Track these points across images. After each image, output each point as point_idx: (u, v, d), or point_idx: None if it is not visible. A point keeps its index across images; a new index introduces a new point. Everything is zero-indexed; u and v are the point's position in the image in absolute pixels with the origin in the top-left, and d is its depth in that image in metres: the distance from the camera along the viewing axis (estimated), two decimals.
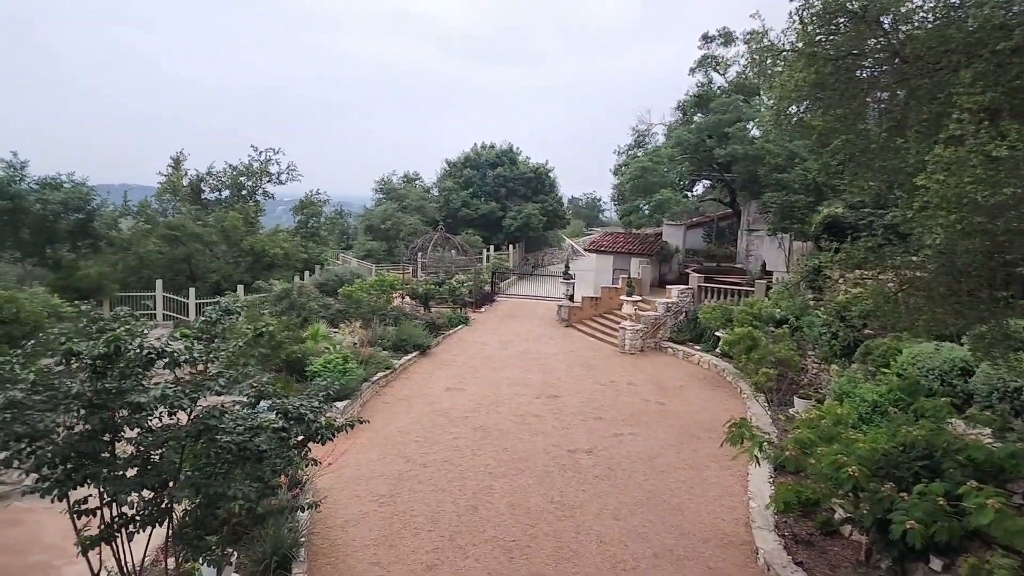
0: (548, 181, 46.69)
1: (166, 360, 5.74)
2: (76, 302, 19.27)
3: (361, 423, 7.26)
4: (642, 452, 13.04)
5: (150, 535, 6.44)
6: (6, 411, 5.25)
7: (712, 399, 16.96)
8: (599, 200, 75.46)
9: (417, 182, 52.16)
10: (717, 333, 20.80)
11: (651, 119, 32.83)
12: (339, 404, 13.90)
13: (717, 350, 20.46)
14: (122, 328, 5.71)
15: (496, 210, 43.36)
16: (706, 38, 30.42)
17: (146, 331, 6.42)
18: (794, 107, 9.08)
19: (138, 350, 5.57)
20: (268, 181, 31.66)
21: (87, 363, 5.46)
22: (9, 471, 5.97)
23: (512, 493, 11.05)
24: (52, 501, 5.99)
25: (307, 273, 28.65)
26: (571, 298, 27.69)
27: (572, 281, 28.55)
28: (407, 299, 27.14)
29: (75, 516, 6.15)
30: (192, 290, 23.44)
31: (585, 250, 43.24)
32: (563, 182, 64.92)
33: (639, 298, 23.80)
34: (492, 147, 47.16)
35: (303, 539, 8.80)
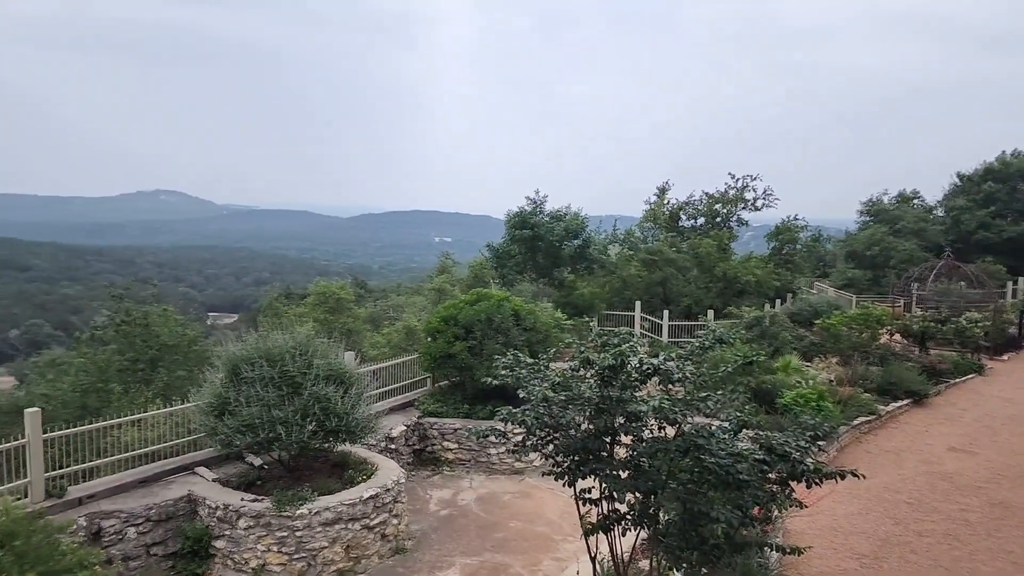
0: None
1: (661, 376, 6.21)
2: (573, 317, 22.89)
3: (856, 475, 6.57)
4: None
5: (638, 534, 7.04)
6: (541, 405, 6.44)
7: None
8: None
9: (915, 201, 45.37)
10: None
11: None
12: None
13: None
14: (626, 345, 6.42)
15: None
16: None
17: (639, 348, 7.09)
18: None
19: (638, 365, 6.17)
20: (743, 208, 31.91)
21: (597, 371, 6.31)
22: (527, 452, 7.32)
23: None
24: (564, 485, 7.11)
25: (778, 301, 27.77)
26: None
27: None
28: (896, 337, 23.80)
29: (579, 502, 7.13)
30: (666, 312, 25.15)
31: None
32: None
33: None
34: None
35: None
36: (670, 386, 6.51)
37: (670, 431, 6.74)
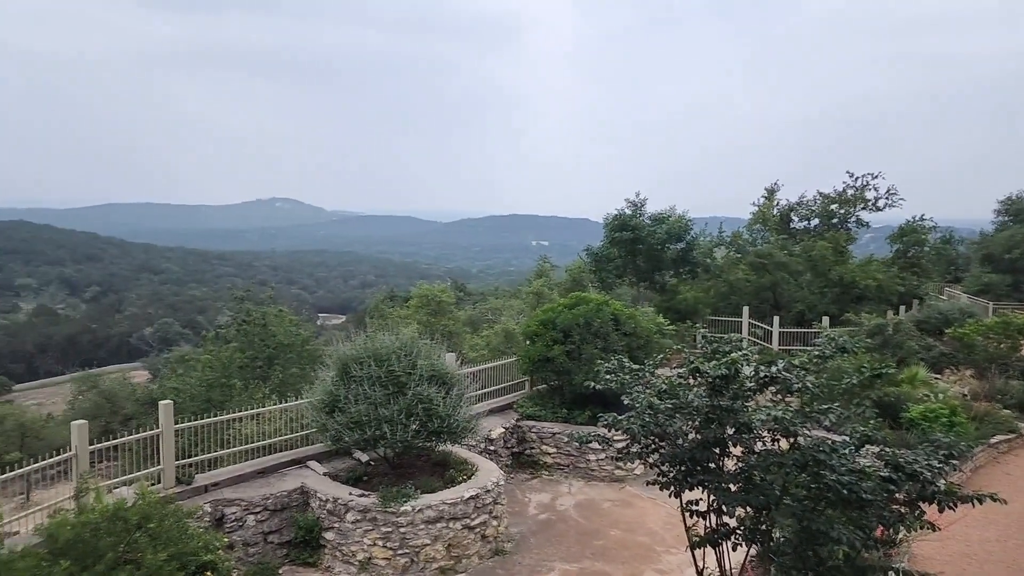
0: None
1: (779, 386, 5.86)
2: (675, 322, 22.23)
3: (995, 500, 5.93)
4: None
5: (748, 550, 6.69)
6: (646, 412, 6.25)
7: None
8: None
9: None
10: None
11: None
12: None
13: None
14: (738, 353, 6.11)
15: None
16: None
17: (751, 356, 6.73)
18: None
19: (752, 373, 5.86)
20: (862, 208, 29.90)
21: (708, 380, 6.04)
22: (631, 459, 7.11)
23: None
24: (670, 496, 6.87)
25: (902, 308, 25.81)
26: None
27: None
28: None
29: (686, 514, 6.87)
30: (776, 318, 23.95)
31: None
32: None
33: None
34: None
35: None
36: (787, 397, 6.14)
37: (783, 443, 6.37)
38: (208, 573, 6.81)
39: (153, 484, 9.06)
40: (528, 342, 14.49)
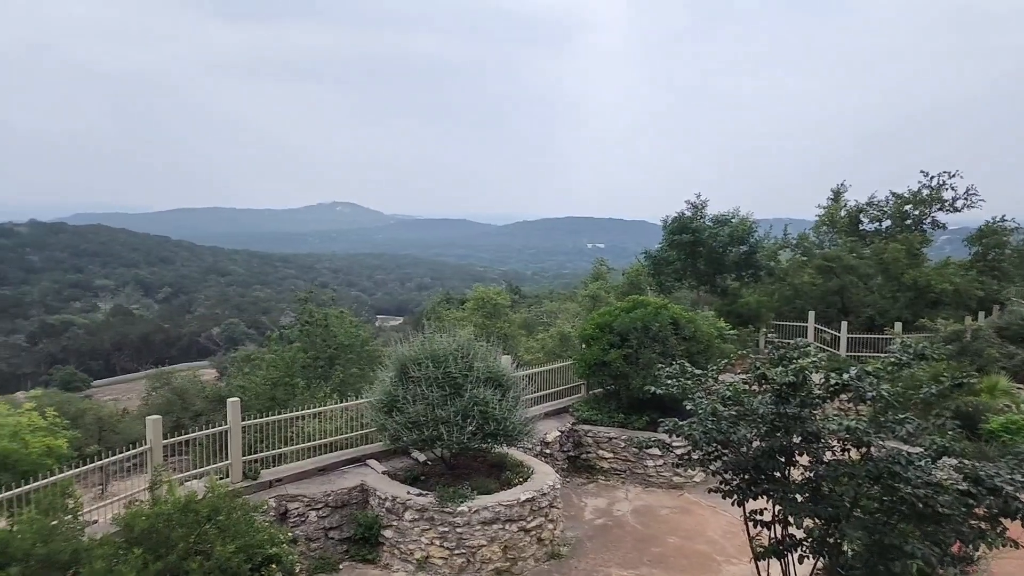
0: None
1: (851, 394, 5.63)
2: (737, 327, 21.64)
3: None
4: None
5: (815, 563, 6.44)
6: (709, 419, 6.09)
7: None
8: None
9: None
10: None
11: None
12: None
13: None
14: (807, 360, 5.89)
15: None
16: None
17: (820, 363, 6.48)
18: None
19: (823, 381, 5.64)
20: (938, 208, 28.43)
21: (774, 387, 5.85)
22: (692, 466, 6.95)
23: None
24: (734, 504, 6.68)
25: (981, 314, 24.46)
26: None
27: None
28: None
29: (749, 524, 6.67)
30: (844, 324, 23.06)
31: None
32: None
33: None
34: None
35: None
36: (859, 406, 5.88)
37: (854, 453, 6.11)
38: (273, 566, 6.99)
39: (221, 478, 9.38)
40: (584, 346, 14.38)
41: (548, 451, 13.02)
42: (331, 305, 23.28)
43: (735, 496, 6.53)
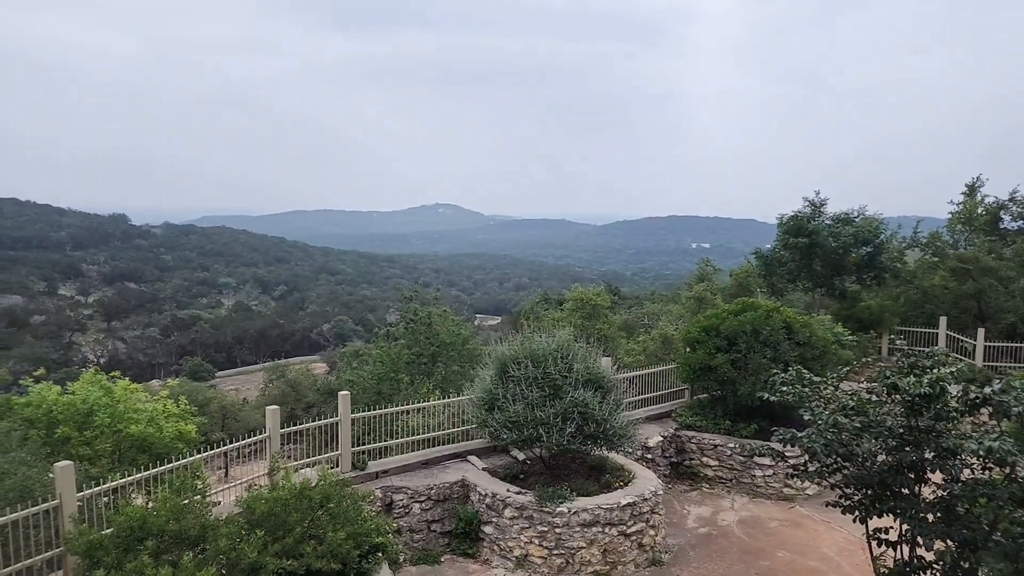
0: None
1: (993, 409, 5.10)
2: (856, 332, 20.27)
3: None
4: None
5: None
6: (830, 430, 5.70)
7: None
8: None
9: None
10: None
11: None
12: None
13: None
14: (946, 370, 5.39)
15: None
16: None
17: (958, 373, 5.91)
18: None
19: (961, 393, 5.14)
20: None
21: (906, 399, 5.39)
22: (810, 478, 6.53)
23: None
24: (853, 521, 6.23)
25: None
26: None
27: None
28: None
29: (872, 542, 6.20)
30: (980, 330, 21.09)
31: None
32: None
33: None
34: None
35: None
36: (1001, 422, 5.33)
37: (995, 472, 5.54)
38: (379, 554, 7.22)
39: (332, 467, 9.80)
40: (689, 349, 13.93)
41: (649, 456, 12.72)
42: (434, 304, 23.87)
43: (857, 512, 6.08)
